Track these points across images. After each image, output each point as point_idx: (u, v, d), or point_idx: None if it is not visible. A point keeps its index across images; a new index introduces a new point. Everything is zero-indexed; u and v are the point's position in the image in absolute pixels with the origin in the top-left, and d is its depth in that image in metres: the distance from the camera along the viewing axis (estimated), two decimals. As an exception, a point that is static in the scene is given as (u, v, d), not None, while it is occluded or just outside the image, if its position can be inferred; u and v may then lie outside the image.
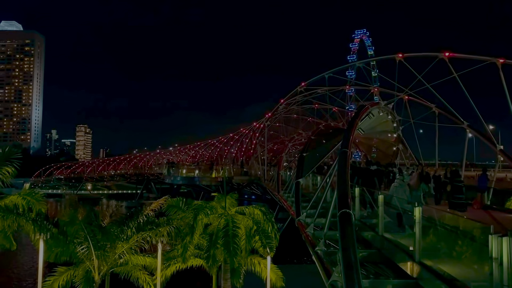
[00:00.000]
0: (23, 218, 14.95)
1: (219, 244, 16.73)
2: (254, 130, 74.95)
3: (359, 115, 16.93)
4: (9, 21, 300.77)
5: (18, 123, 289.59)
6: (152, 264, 17.64)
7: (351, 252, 7.57)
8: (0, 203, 15.92)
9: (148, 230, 16.59)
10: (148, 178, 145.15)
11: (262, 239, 16.93)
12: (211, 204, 19.05)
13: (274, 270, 18.51)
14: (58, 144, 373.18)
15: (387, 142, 37.00)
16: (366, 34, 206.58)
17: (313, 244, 13.79)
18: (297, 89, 46.15)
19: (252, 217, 17.34)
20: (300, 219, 17.02)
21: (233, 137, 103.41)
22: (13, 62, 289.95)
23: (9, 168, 16.10)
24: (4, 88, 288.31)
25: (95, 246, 15.59)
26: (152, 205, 18.44)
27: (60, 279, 15.97)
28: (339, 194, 9.71)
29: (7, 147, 16.93)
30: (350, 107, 69.20)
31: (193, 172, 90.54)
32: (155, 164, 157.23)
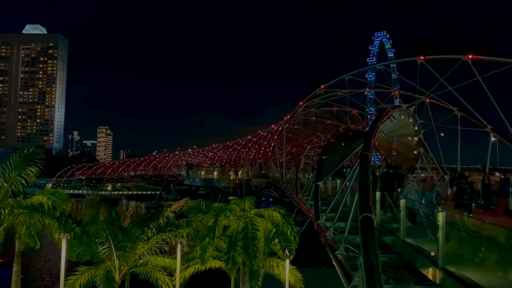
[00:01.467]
0: (48, 217, 15.25)
1: (238, 246, 16.74)
2: (272, 133, 74.91)
3: (380, 118, 16.75)
4: (33, 25, 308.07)
5: (42, 124, 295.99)
6: (171, 265, 17.77)
7: (373, 257, 7.49)
8: (26, 201, 16.30)
9: (168, 231, 16.73)
10: (167, 180, 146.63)
11: (281, 241, 16.87)
12: (231, 206, 19.07)
13: (293, 272, 18.45)
14: (79, 145, 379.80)
15: (407, 145, 36.51)
16: (386, 37, 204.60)
17: (333, 248, 13.70)
18: (316, 92, 45.92)
19: (271, 219, 17.30)
20: (320, 223, 16.92)
21: (251, 139, 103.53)
22: (37, 65, 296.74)
23: (33, 168, 16.47)
24: (28, 90, 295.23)
25: (116, 246, 15.80)
26: (172, 206, 18.57)
27: (81, 278, 16.22)
28: (361, 198, 9.62)
29: (31, 148, 17.32)
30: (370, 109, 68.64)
31: (212, 174, 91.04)
32: (174, 165, 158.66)
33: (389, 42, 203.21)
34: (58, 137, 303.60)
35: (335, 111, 54.52)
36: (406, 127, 30.95)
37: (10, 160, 16.51)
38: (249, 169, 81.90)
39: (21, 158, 16.41)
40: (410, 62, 33.00)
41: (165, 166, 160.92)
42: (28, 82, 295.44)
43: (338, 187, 23.71)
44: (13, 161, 16.37)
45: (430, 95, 32.21)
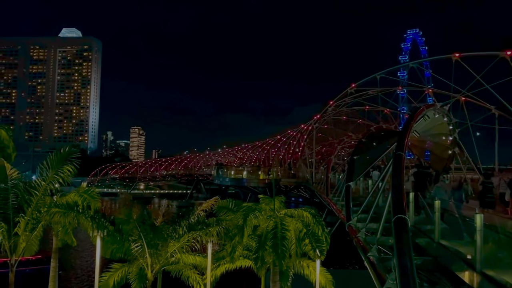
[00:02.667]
0: (83, 216, 15.68)
1: (268, 246, 16.72)
2: (302, 132, 74.44)
3: (414, 116, 16.35)
4: (69, 28, 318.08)
5: (77, 124, 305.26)
6: (202, 263, 17.92)
7: (407, 259, 7.30)
8: (61, 200, 16.82)
9: (198, 230, 16.90)
10: (198, 179, 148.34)
11: (312, 242, 16.75)
12: (260, 206, 19.07)
13: (323, 273, 18.28)
14: (113, 145, 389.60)
15: (442, 145, 35.47)
16: (419, 34, 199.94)
17: (364, 250, 13.46)
18: (347, 91, 45.34)
19: (302, 219, 17.20)
20: (351, 224, 16.66)
21: (280, 139, 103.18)
22: (72, 67, 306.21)
23: (69, 167, 16.96)
24: (64, 91, 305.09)
25: (148, 244, 16.09)
26: (203, 205, 18.76)
27: (115, 275, 16.59)
28: (394, 199, 9.40)
29: (67, 147, 17.83)
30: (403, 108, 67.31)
31: (241, 174, 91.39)
32: (204, 165, 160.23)
33: (422, 39, 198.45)
34: (92, 137, 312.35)
35: (367, 110, 53.65)
36: (441, 127, 30.08)
37: (47, 159, 17.05)
38: (278, 169, 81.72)
39: (58, 158, 16.92)
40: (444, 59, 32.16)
41: (196, 166, 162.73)
42: (64, 84, 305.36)
43: (370, 187, 23.31)
44: (50, 160, 16.89)
45: (465, 93, 31.27)
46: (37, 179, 17.15)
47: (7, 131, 18.89)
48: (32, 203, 16.44)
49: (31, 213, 16.31)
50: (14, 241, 16.31)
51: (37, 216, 16.46)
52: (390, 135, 32.95)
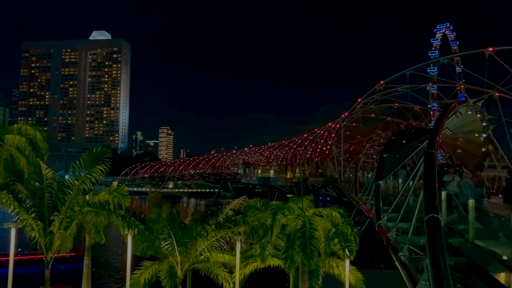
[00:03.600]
0: (114, 215, 16.02)
1: (296, 245, 16.66)
2: (329, 131, 73.78)
3: (446, 113, 15.95)
4: (99, 31, 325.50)
5: (107, 125, 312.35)
6: (231, 262, 18.03)
7: (440, 259, 7.13)
8: (94, 199, 17.25)
9: (226, 228, 17.01)
10: (225, 178, 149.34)
11: (341, 241, 16.59)
12: (288, 205, 19.02)
13: (353, 272, 18.07)
14: (143, 144, 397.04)
15: (474, 142, 34.47)
16: (449, 29, 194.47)
17: (395, 249, 13.23)
18: (375, 88, 44.67)
19: (330, 219, 17.06)
20: (381, 223, 16.41)
21: (307, 137, 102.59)
22: (103, 69, 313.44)
23: (101, 167, 17.35)
24: (95, 93, 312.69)
25: (178, 243, 16.31)
26: (231, 204, 18.86)
27: (146, 273, 16.90)
28: (426, 198, 9.20)
29: (99, 148, 18.25)
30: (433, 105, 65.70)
31: (268, 173, 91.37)
32: (232, 164, 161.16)
33: (453, 34, 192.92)
34: (123, 137, 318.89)
35: (396, 108, 52.70)
36: (473, 123, 29.23)
37: (80, 159, 17.50)
38: (305, 168, 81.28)
39: (90, 158, 17.34)
40: (476, 54, 31.25)
41: (223, 165, 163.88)
42: (94, 86, 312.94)
43: (400, 186, 22.89)
44: (83, 160, 17.33)
45: (499, 89, 30.27)
46: (70, 179, 17.63)
47: (41, 132, 19.46)
48: (66, 202, 16.91)
49: (65, 212, 16.78)
50: (50, 238, 16.81)
51: (71, 215, 16.93)
52: (421, 132, 32.24)
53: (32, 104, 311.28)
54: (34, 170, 17.71)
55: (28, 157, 18.04)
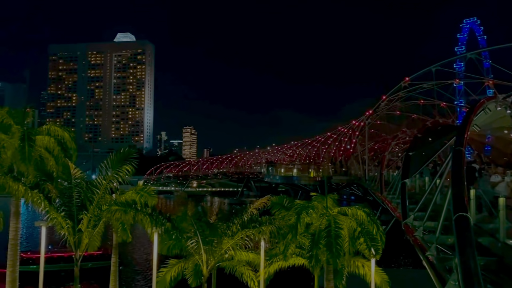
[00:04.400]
0: (141, 213, 16.31)
1: (321, 244, 16.56)
2: (353, 129, 73.04)
3: (474, 110, 15.57)
4: (123, 33, 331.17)
5: (133, 125, 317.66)
6: (255, 260, 18.08)
7: (470, 259, 6.97)
8: (121, 198, 17.58)
9: (251, 228, 17.07)
10: (248, 177, 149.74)
11: (366, 241, 16.40)
12: (313, 204, 18.93)
13: (379, 272, 17.84)
14: (167, 144, 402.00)
15: (504, 139, 33.51)
16: (476, 23, 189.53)
17: (422, 249, 13.00)
18: (400, 85, 43.96)
19: (356, 218, 16.87)
20: (407, 222, 16.15)
21: (331, 136, 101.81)
22: (127, 70, 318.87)
23: (128, 167, 17.70)
24: (120, 94, 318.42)
25: (203, 241, 16.48)
26: (255, 203, 18.90)
27: (172, 271, 17.11)
28: (455, 196, 9.00)
29: (126, 148, 18.61)
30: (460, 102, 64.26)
31: (292, 172, 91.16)
32: (254, 163, 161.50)
33: (480, 28, 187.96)
34: (147, 137, 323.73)
35: (422, 105, 51.71)
36: (503, 120, 28.38)
37: (108, 159, 17.90)
38: (329, 167, 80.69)
39: (117, 158, 17.72)
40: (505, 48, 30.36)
41: (246, 164, 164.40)
42: (120, 87, 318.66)
43: (427, 184, 22.48)
44: (110, 160, 17.73)
45: (531, 84, 29.31)
46: (98, 178, 18.03)
47: (70, 133, 19.91)
48: (94, 201, 17.33)
49: (93, 211, 17.19)
50: (78, 237, 17.25)
51: (99, 213, 17.33)
52: (448, 129, 31.59)
53: (59, 105, 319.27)
54: (63, 170, 18.18)
55: (57, 157, 18.48)
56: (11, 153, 17.55)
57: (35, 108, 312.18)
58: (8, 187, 16.59)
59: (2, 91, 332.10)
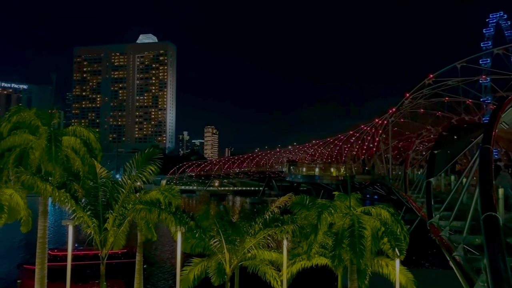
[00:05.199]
0: (165, 212, 16.51)
1: (345, 244, 16.42)
2: (376, 127, 72.15)
3: (502, 106, 15.13)
4: (146, 35, 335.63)
5: (156, 126, 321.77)
6: (278, 260, 18.05)
7: (500, 260, 6.79)
8: (145, 197, 17.82)
9: (273, 227, 17.06)
10: (270, 176, 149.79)
11: (390, 241, 16.16)
12: (335, 203, 18.78)
13: (403, 272, 17.56)
14: (189, 144, 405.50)
15: (534, 137, 32.53)
16: (503, 18, 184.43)
17: (449, 249, 12.76)
18: (424, 82, 43.19)
19: (379, 218, 16.65)
20: (433, 222, 15.89)
21: (353, 134, 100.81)
22: (150, 71, 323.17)
23: (152, 166, 17.94)
24: (143, 95, 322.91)
25: (226, 240, 16.55)
26: (276, 202, 18.84)
27: (195, 269, 17.26)
28: (483, 195, 8.79)
29: (151, 148, 18.86)
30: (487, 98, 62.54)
31: (313, 170, 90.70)
32: (276, 162, 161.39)
33: (507, 23, 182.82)
34: (170, 137, 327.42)
35: (447, 102, 50.65)
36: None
37: (133, 159, 18.18)
38: (352, 166, 79.97)
39: (142, 158, 17.98)
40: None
41: (267, 163, 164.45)
42: (143, 88, 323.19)
43: (452, 183, 22.05)
44: (135, 160, 18.01)
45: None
46: (123, 177, 18.33)
47: (95, 133, 20.29)
48: (119, 200, 17.62)
49: (118, 209, 17.48)
50: (104, 235, 17.56)
51: (124, 212, 17.61)
52: (474, 127, 30.84)
53: (84, 106, 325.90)
54: (89, 170, 18.55)
55: (83, 158, 18.87)
56: (39, 154, 18.02)
57: (61, 109, 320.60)
58: (36, 186, 17.01)
59: (29, 93, 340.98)
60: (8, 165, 17.88)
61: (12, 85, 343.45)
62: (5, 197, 17.09)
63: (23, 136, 18.25)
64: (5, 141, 18.13)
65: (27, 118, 18.81)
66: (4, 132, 18.53)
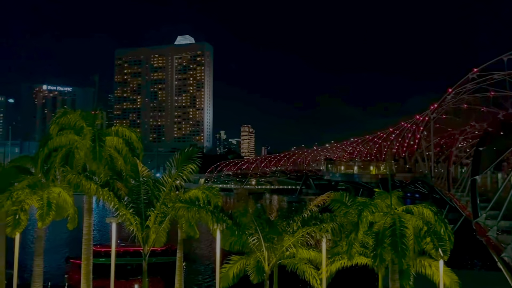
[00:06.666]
0: (204, 210, 16.75)
1: (386, 243, 16.08)
2: (417, 124, 70.25)
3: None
4: (183, 36, 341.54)
5: (193, 125, 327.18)
6: (317, 258, 17.91)
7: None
8: (185, 196, 18.16)
9: (312, 225, 16.93)
10: (307, 174, 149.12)
11: (434, 240, 15.66)
12: (375, 202, 18.42)
13: (448, 273, 16.99)
14: (226, 143, 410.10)
15: None
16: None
17: (497, 250, 12.26)
18: (468, 76, 41.63)
19: (422, 217, 16.19)
20: (479, 221, 15.30)
21: (393, 131, 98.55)
22: (188, 72, 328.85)
23: (191, 165, 18.26)
24: (181, 95, 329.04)
25: (264, 238, 16.59)
26: (315, 200, 18.70)
27: (234, 267, 17.40)
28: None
29: (191, 147, 19.21)
30: (536, 93, 59.55)
31: (352, 169, 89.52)
32: (313, 160, 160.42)
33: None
34: (207, 136, 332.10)
35: (492, 97, 48.56)
36: None
37: (173, 158, 18.58)
38: (392, 164, 78.27)
39: (182, 157, 18.35)
40: None
41: (304, 161, 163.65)
42: (181, 88, 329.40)
43: (500, 182, 21.15)
44: (175, 159, 18.41)
45: None
46: (164, 176, 18.75)
47: (136, 133, 20.87)
48: (160, 198, 18.04)
49: (159, 207, 17.91)
50: (146, 232, 18.03)
51: (164, 210, 18.02)
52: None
53: (126, 107, 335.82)
54: (131, 169, 19.12)
55: (125, 157, 19.48)
56: (84, 153, 18.74)
57: (103, 110, 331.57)
58: (82, 185, 17.69)
59: (74, 95, 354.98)
60: (55, 165, 18.71)
61: (57, 87, 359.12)
62: (53, 195, 17.88)
63: (69, 137, 19.04)
64: (52, 142, 18.96)
65: (73, 120, 19.61)
66: (53, 133, 19.42)
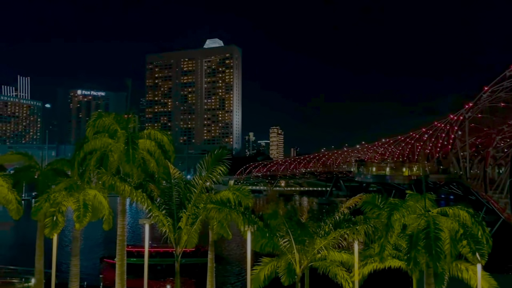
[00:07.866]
0: (235, 211, 16.84)
1: (420, 246, 15.69)
2: (451, 124, 68.33)
3: None
4: (212, 39, 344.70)
5: (223, 127, 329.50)
6: (349, 261, 17.67)
7: None
8: (216, 197, 18.30)
9: (345, 227, 16.74)
10: (337, 176, 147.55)
11: (470, 244, 15.16)
12: (408, 203, 18.01)
13: (486, 278, 16.42)
14: (255, 145, 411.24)
15: None
16: None
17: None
18: (505, 73, 40.20)
19: (457, 219, 15.70)
20: (519, 224, 14.70)
21: (426, 132, 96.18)
22: (216, 75, 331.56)
23: (221, 167, 18.41)
24: (211, 98, 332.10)
25: (295, 240, 16.53)
26: (347, 202, 18.48)
27: (265, 269, 17.40)
28: None
29: (220, 149, 19.35)
30: None
31: (384, 170, 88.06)
32: (343, 162, 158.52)
33: None
34: (236, 138, 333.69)
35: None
36: None
37: (203, 160, 18.78)
38: (425, 165, 76.50)
39: (212, 159, 18.52)
40: None
41: (334, 163, 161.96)
42: (210, 91, 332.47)
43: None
44: (205, 161, 18.60)
45: None
46: (195, 178, 18.98)
47: (168, 136, 21.21)
48: (191, 199, 18.27)
49: (191, 209, 18.13)
50: (178, 234, 18.28)
51: (196, 211, 18.23)
52: None
53: (157, 111, 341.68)
54: (163, 171, 19.44)
55: (157, 159, 19.83)
56: (118, 156, 19.18)
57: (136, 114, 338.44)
58: (116, 187, 18.11)
59: (107, 99, 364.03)
60: (90, 167, 19.24)
61: (91, 92, 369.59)
62: (89, 197, 18.40)
63: (103, 140, 19.54)
64: (87, 145, 19.51)
65: (107, 123, 20.11)
66: (89, 135, 19.98)
